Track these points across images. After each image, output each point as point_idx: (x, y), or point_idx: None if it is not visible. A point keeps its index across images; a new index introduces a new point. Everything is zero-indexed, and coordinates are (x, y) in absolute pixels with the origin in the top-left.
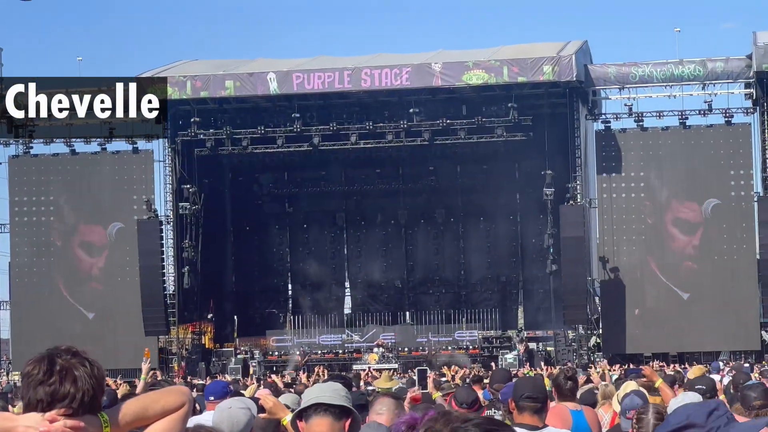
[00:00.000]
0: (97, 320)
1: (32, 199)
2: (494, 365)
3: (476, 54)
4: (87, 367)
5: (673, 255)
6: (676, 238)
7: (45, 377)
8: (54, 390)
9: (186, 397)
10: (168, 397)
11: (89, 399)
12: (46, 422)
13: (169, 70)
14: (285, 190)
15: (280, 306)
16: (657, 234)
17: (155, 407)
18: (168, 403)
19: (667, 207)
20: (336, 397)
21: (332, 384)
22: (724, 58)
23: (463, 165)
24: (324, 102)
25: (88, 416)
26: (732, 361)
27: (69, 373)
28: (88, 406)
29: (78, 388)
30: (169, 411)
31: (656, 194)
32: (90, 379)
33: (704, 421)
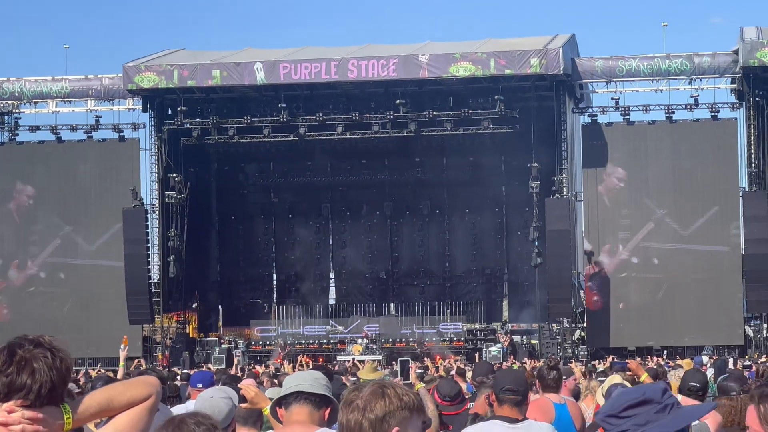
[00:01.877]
0: (80, 308)
1: (17, 186)
2: (477, 358)
3: (463, 46)
4: (48, 358)
5: (657, 249)
6: (661, 233)
7: (3, 367)
8: (11, 381)
9: (153, 389)
10: (134, 389)
11: (48, 390)
12: (4, 412)
13: (156, 59)
14: (271, 180)
15: (265, 296)
16: (642, 228)
17: (120, 399)
18: (134, 395)
19: (653, 201)
20: (316, 386)
21: (313, 372)
22: (711, 53)
23: (449, 157)
24: (310, 92)
25: (49, 407)
26: (715, 356)
27: (27, 364)
28: (47, 398)
29: (35, 379)
30: (135, 402)
31: (642, 188)
32: (50, 370)
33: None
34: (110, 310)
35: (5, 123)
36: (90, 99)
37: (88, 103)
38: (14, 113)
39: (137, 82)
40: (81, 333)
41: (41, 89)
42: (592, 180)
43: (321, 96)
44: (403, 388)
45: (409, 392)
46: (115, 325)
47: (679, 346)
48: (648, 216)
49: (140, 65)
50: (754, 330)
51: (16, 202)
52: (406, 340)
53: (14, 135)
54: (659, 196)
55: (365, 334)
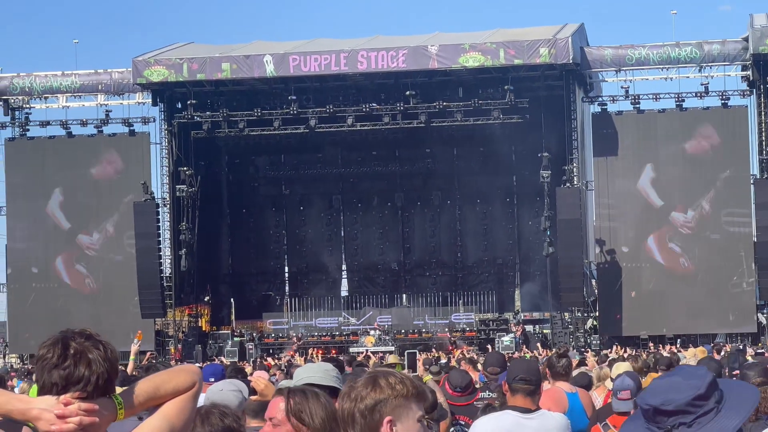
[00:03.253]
0: (93, 302)
1: (29, 181)
2: (490, 348)
3: (473, 36)
4: (101, 350)
5: (669, 237)
6: (672, 221)
7: (59, 361)
8: (69, 373)
9: (197, 377)
10: (179, 377)
11: (103, 382)
12: (60, 405)
13: (165, 52)
14: (281, 172)
15: (277, 289)
16: (653, 216)
17: (167, 387)
18: (179, 383)
19: (664, 190)
20: (326, 378)
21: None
22: (720, 41)
23: (459, 147)
24: (320, 84)
25: (102, 399)
26: (729, 344)
27: (83, 357)
28: (102, 389)
29: (92, 371)
30: (181, 390)
31: (652, 177)
32: (104, 362)
33: None
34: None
35: (16, 118)
36: (100, 93)
37: (98, 98)
38: (25, 108)
39: (147, 75)
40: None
41: (51, 84)
42: (602, 169)
43: (331, 88)
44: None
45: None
46: (128, 319)
47: (692, 334)
48: (659, 204)
49: (150, 59)
50: (767, 317)
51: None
52: (419, 331)
53: (25, 130)
54: (670, 184)
55: (377, 325)
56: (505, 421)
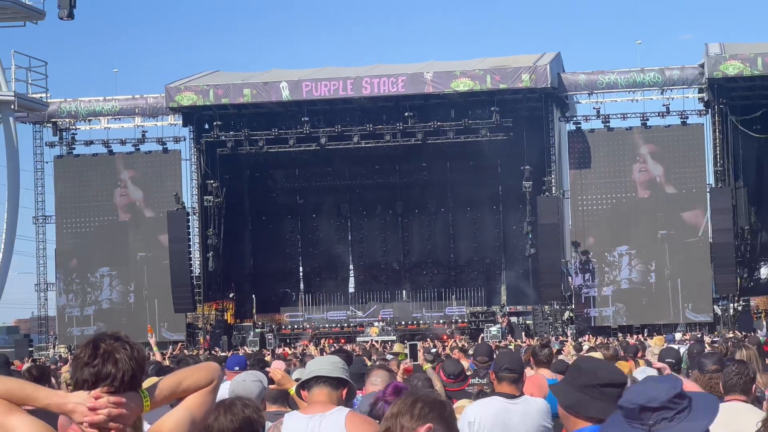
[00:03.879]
0: (133, 299)
1: (75, 194)
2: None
3: (463, 64)
4: (128, 350)
5: (636, 239)
6: (638, 224)
7: (90, 359)
8: (97, 371)
9: (216, 373)
10: (199, 374)
11: (129, 378)
12: (92, 399)
13: (194, 80)
14: (296, 184)
15: (293, 286)
16: (622, 221)
17: (188, 382)
18: (199, 379)
19: (630, 197)
20: (334, 370)
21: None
22: (680, 67)
23: (452, 161)
24: (330, 107)
25: (130, 393)
26: (688, 332)
27: (111, 356)
28: (128, 384)
29: (119, 368)
30: (201, 385)
31: (620, 186)
32: (130, 360)
33: None
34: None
35: (63, 138)
36: (137, 116)
37: (135, 120)
38: (71, 130)
39: (178, 100)
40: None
41: (94, 108)
42: (577, 180)
43: (339, 110)
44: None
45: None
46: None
47: (656, 324)
48: (626, 210)
49: (180, 86)
50: (722, 309)
51: (75, 208)
52: (417, 323)
53: (71, 149)
54: (636, 192)
55: (381, 317)
56: (493, 406)
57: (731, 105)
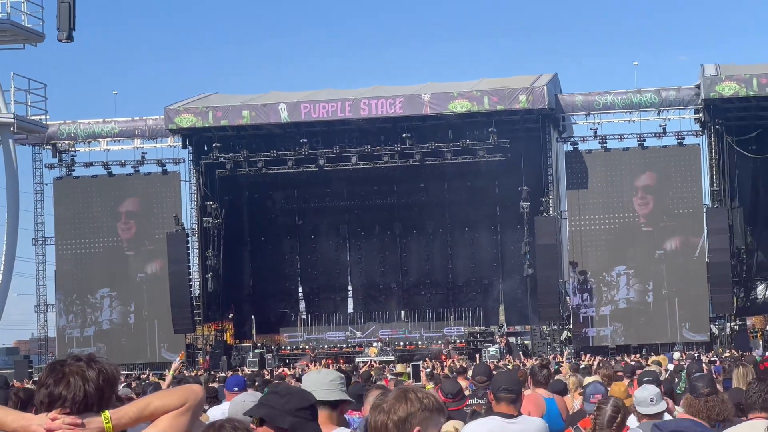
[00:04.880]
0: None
1: (74, 216)
2: (478, 358)
3: (460, 86)
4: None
5: (633, 259)
6: (636, 244)
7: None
8: (50, 392)
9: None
10: (170, 396)
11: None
12: (48, 419)
13: (193, 102)
14: (295, 205)
15: (292, 306)
16: (619, 241)
17: (156, 404)
18: (169, 401)
19: (627, 217)
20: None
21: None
22: (676, 88)
23: (449, 182)
24: (328, 128)
25: (89, 414)
26: (686, 351)
27: (64, 378)
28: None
29: (69, 390)
30: (170, 408)
31: (617, 207)
32: (84, 383)
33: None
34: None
35: (63, 160)
36: (136, 138)
37: (134, 142)
38: (71, 152)
39: (177, 122)
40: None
41: (93, 130)
42: (575, 200)
43: (337, 131)
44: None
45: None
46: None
47: (654, 343)
48: (624, 230)
49: (179, 108)
50: (719, 328)
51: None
52: (416, 343)
53: (71, 170)
54: (633, 213)
55: (380, 338)
56: (491, 426)
57: (727, 125)
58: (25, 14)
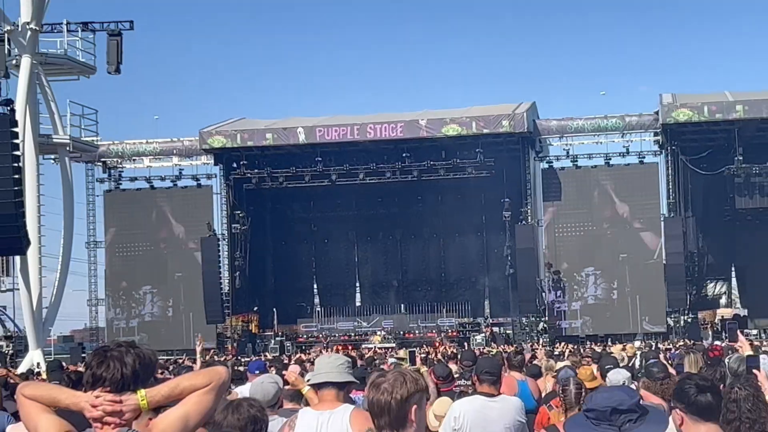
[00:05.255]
0: (171, 312)
1: (121, 223)
2: (466, 345)
3: (452, 113)
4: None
5: (600, 262)
6: (602, 249)
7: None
8: (93, 374)
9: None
10: (197, 377)
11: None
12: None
13: (224, 125)
14: (310, 214)
15: (308, 300)
16: (588, 246)
17: (185, 383)
18: (196, 382)
19: (595, 225)
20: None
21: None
22: (638, 114)
23: (442, 195)
24: (339, 149)
25: (128, 393)
26: (645, 341)
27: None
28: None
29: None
30: (198, 387)
31: (586, 216)
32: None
33: None
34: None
35: (111, 175)
36: (174, 156)
37: (173, 159)
38: (118, 168)
39: (210, 143)
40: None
41: (138, 149)
42: (550, 210)
43: (347, 151)
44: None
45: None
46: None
47: (618, 333)
48: (591, 236)
49: (212, 130)
50: (674, 321)
51: (121, 234)
52: (413, 332)
53: (118, 184)
54: (600, 221)
55: (383, 327)
56: (476, 403)
57: (682, 146)
58: (80, 50)
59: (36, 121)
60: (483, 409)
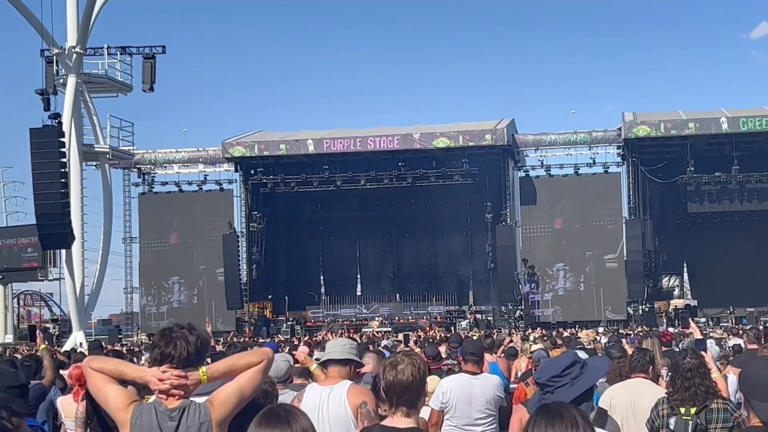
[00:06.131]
0: (196, 300)
1: (154, 222)
2: (453, 329)
3: (442, 128)
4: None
5: (569, 257)
6: (571, 247)
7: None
8: (162, 352)
9: (265, 356)
10: (251, 356)
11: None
12: (160, 372)
13: (243, 137)
14: (319, 215)
15: (316, 290)
16: (559, 244)
17: (241, 362)
18: (251, 360)
19: (566, 227)
20: (344, 353)
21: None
22: (603, 130)
23: (433, 199)
24: (344, 158)
25: (190, 369)
26: (608, 327)
27: (171, 341)
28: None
29: (177, 350)
30: (252, 365)
31: (558, 219)
32: (187, 345)
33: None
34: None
35: (145, 180)
36: (200, 164)
37: (199, 167)
38: (151, 173)
39: (231, 152)
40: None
41: (168, 158)
42: (526, 213)
43: (351, 161)
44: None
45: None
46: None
47: (585, 320)
48: (563, 236)
49: (233, 142)
50: (633, 310)
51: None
52: (407, 318)
53: (151, 188)
54: (570, 223)
55: (380, 314)
56: (461, 380)
57: (641, 158)
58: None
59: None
60: (467, 385)
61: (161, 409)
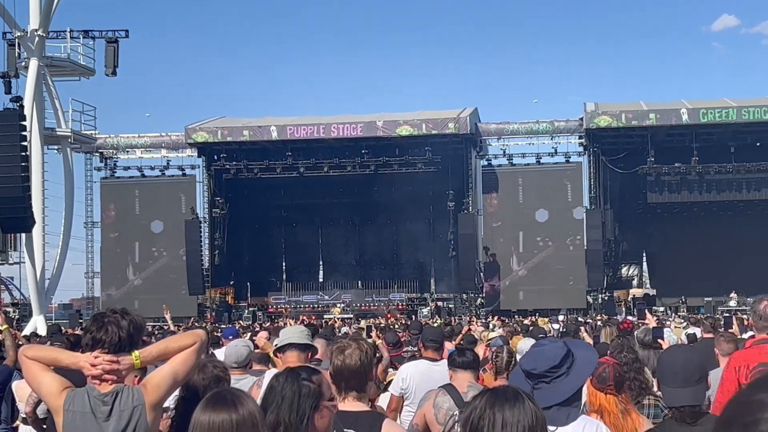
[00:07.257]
0: (157, 285)
1: (115, 206)
2: (414, 317)
3: (405, 116)
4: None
5: (530, 245)
6: (532, 235)
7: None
8: (93, 337)
9: (197, 338)
10: (184, 339)
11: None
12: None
13: (206, 123)
14: (281, 202)
15: (278, 276)
16: (519, 232)
17: (173, 345)
18: (184, 342)
19: (527, 215)
20: (302, 338)
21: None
22: (565, 120)
23: (396, 187)
24: (307, 145)
25: (123, 354)
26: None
27: (103, 326)
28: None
29: (108, 335)
30: (185, 347)
31: (519, 207)
32: (119, 330)
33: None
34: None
35: (107, 164)
36: (163, 149)
37: (161, 152)
38: (113, 158)
39: (194, 138)
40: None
41: (131, 142)
42: (488, 202)
43: (314, 147)
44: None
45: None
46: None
47: (545, 308)
48: (522, 224)
49: (196, 127)
50: (593, 298)
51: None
52: (368, 305)
53: (113, 172)
54: (530, 211)
55: (342, 300)
56: (421, 366)
57: (602, 148)
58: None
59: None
60: (427, 371)
61: (94, 394)
